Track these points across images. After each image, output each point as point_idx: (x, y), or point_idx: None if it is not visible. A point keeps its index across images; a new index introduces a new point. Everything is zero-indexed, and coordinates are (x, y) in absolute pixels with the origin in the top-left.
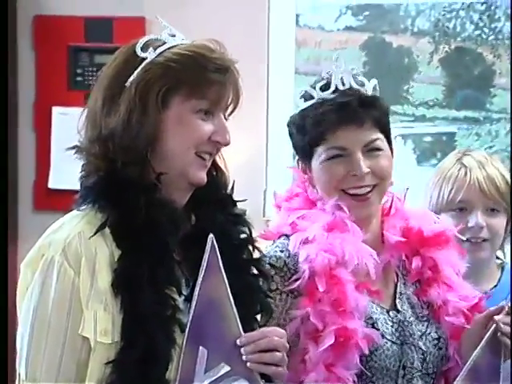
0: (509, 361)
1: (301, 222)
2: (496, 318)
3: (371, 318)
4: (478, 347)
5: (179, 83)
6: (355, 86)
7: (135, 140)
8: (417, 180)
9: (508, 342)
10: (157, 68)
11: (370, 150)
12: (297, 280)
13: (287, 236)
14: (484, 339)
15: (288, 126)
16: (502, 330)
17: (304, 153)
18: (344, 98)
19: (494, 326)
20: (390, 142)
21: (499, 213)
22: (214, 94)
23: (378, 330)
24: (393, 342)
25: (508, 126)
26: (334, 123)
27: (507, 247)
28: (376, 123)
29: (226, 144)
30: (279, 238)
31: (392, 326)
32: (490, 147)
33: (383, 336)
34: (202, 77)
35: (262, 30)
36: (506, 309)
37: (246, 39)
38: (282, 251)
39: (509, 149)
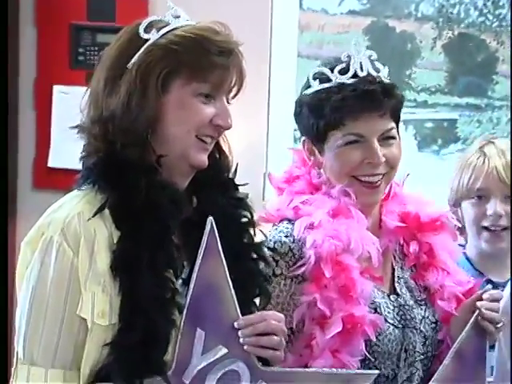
0: (497, 346)
1: (304, 206)
2: (478, 303)
3: (374, 302)
4: (463, 331)
5: (180, 66)
6: (373, 72)
7: (134, 123)
8: (417, 166)
9: (489, 327)
10: (158, 50)
11: (385, 138)
12: (302, 265)
13: (290, 220)
14: (469, 324)
15: (298, 105)
16: (483, 315)
17: (317, 135)
18: (368, 86)
19: (478, 311)
20: (398, 130)
21: None
22: (216, 77)
23: (380, 314)
24: (395, 326)
25: (509, 114)
26: (356, 110)
27: None
28: (393, 112)
29: (228, 127)
30: (280, 221)
31: (393, 310)
32: (491, 134)
33: (386, 320)
34: (205, 60)
35: (265, 13)
36: (487, 293)
37: (248, 23)
38: (286, 236)
39: (509, 136)
